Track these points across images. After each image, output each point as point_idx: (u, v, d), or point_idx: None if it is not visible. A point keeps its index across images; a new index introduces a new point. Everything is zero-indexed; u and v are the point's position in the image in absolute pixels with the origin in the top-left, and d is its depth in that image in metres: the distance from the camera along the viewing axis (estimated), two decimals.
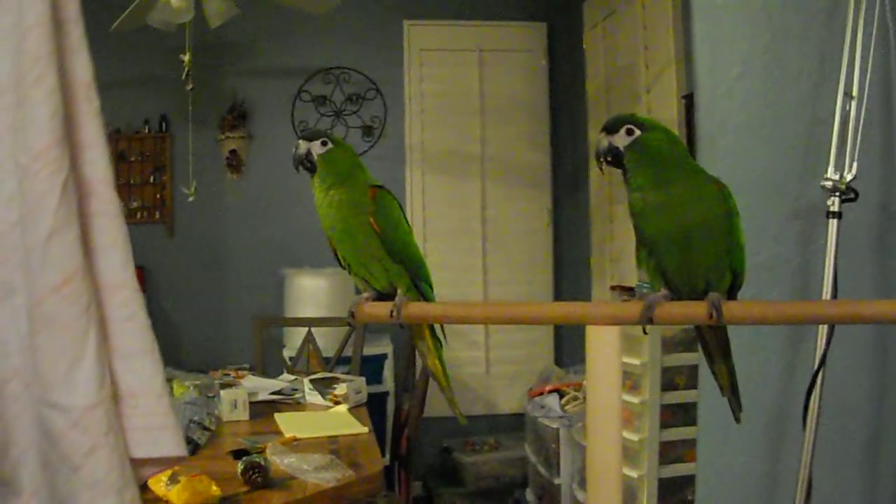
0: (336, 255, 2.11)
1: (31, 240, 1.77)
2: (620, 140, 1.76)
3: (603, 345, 1.64)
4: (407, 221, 2.14)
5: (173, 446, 1.94)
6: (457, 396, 2.23)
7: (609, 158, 1.78)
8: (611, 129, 1.78)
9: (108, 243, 1.88)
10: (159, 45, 6.28)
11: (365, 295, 2.06)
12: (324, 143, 2.07)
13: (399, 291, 2.00)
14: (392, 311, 1.91)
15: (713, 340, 1.93)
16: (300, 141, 2.08)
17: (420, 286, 2.11)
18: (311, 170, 2.08)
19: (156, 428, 1.92)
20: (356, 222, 2.03)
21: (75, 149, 1.83)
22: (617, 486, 1.65)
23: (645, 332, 1.84)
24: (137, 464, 1.92)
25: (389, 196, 2.10)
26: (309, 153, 2.06)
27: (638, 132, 1.76)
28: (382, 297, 2.06)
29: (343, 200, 2.04)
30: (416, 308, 1.91)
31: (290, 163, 2.10)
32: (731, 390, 1.97)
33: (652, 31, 5.40)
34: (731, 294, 1.83)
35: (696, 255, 1.76)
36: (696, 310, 1.67)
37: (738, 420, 1.98)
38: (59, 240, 1.76)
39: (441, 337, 2.19)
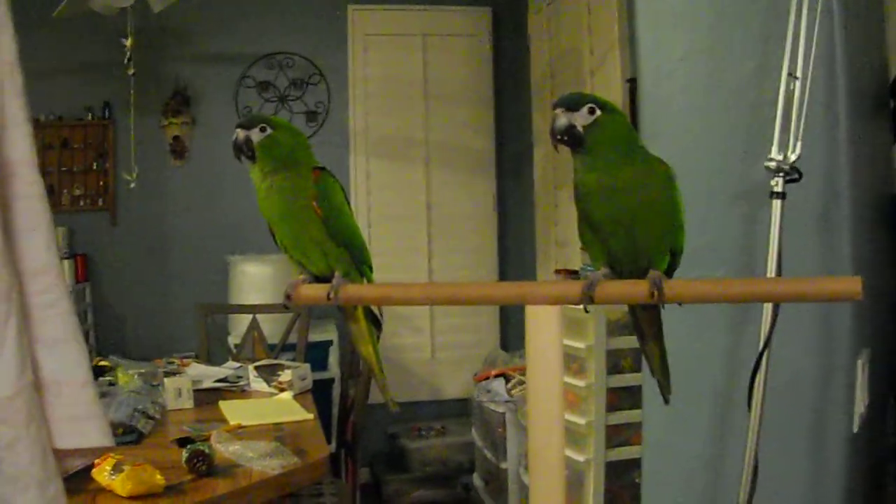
0: (274, 237, 2.07)
1: None
2: (580, 119, 1.72)
3: (543, 326, 1.63)
4: (349, 204, 2.11)
5: (99, 436, 1.91)
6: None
7: (567, 136, 1.74)
8: (572, 106, 1.74)
9: (31, 227, 1.83)
10: (101, 30, 6.22)
11: (301, 277, 2.02)
12: (262, 129, 2.00)
13: (336, 273, 1.96)
14: (329, 293, 1.88)
15: (646, 320, 1.93)
16: (238, 129, 2.01)
17: (361, 269, 2.08)
18: (252, 158, 2.02)
19: (81, 418, 1.88)
20: (297, 206, 1.99)
21: None
22: (560, 470, 1.64)
23: (586, 311, 1.82)
24: (62, 455, 1.89)
25: (332, 179, 2.05)
26: (248, 140, 2.00)
27: (599, 112, 1.73)
28: (319, 280, 2.03)
29: (284, 185, 1.99)
30: (354, 290, 1.88)
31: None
32: (661, 371, 1.97)
33: (596, 14, 5.40)
34: (668, 274, 1.81)
35: (640, 236, 1.75)
36: (638, 288, 1.65)
37: (666, 401, 1.97)
38: None
39: (377, 322, 2.16)
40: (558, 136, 1.74)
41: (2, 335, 1.73)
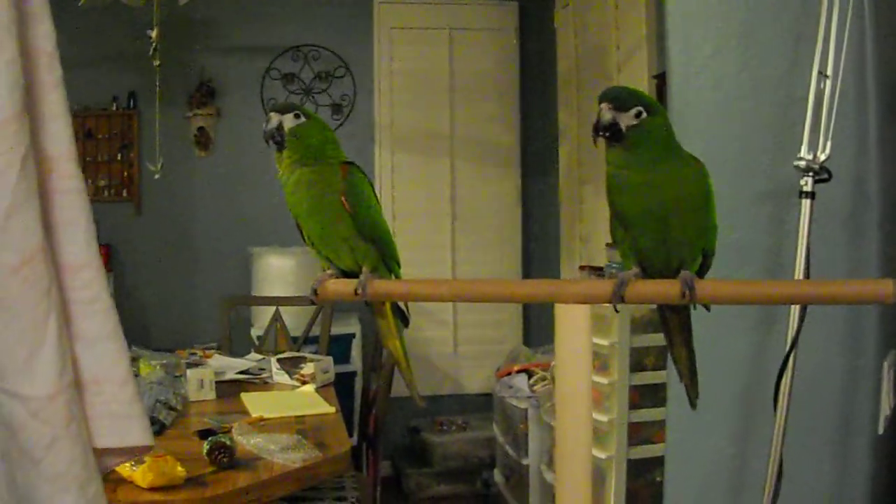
0: (301, 232, 2.06)
1: None
2: (627, 119, 1.70)
3: (572, 325, 1.63)
4: (377, 199, 2.09)
5: (139, 435, 1.89)
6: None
7: (609, 132, 1.71)
8: (620, 105, 1.71)
9: (70, 221, 1.80)
10: (127, 21, 6.25)
11: (328, 272, 2.00)
12: (296, 116, 1.97)
13: (364, 269, 1.94)
14: (357, 289, 1.86)
15: (675, 323, 1.91)
16: (272, 113, 1.98)
17: (388, 264, 2.06)
18: (281, 144, 1.98)
19: (120, 416, 1.86)
20: (326, 201, 1.97)
21: (36, 122, 1.75)
22: (587, 467, 1.64)
23: (616, 311, 1.81)
24: (101, 454, 1.87)
25: (360, 173, 2.03)
26: (280, 126, 1.97)
27: (645, 115, 1.70)
28: (346, 275, 2.01)
29: (313, 179, 1.97)
30: (382, 286, 1.88)
31: (259, 140, 2.03)
32: (689, 376, 1.94)
33: (623, 10, 5.38)
34: (700, 275, 1.80)
35: (673, 235, 1.73)
36: (670, 288, 1.64)
37: (693, 406, 1.95)
38: (18, 218, 1.68)
39: (404, 317, 2.15)
40: (601, 133, 1.72)
41: (42, 333, 1.71)
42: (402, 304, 2.14)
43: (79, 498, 1.76)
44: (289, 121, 1.97)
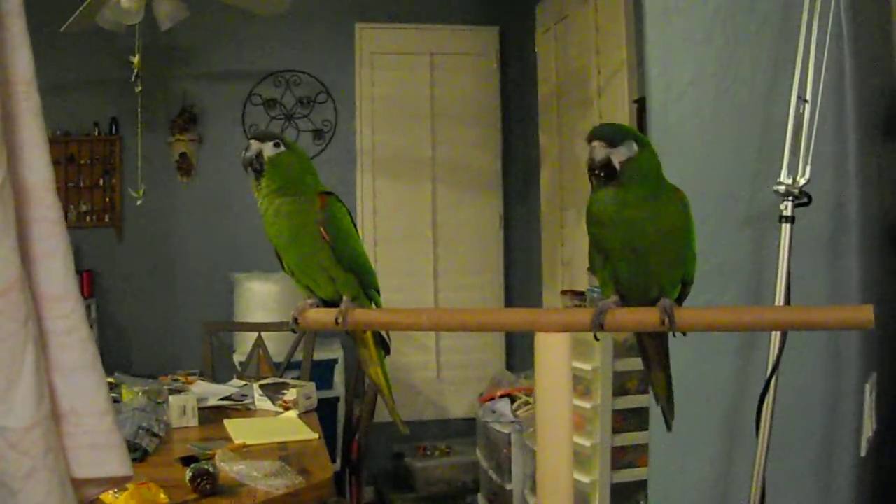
0: (281, 262, 2.06)
1: None
2: (619, 155, 1.69)
3: (552, 350, 1.62)
4: (356, 228, 2.09)
5: (118, 466, 1.89)
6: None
7: (604, 170, 1.70)
8: (612, 141, 1.70)
9: (49, 252, 1.80)
10: (109, 47, 6.28)
11: (309, 301, 2.00)
12: (276, 145, 1.99)
13: (345, 298, 1.94)
14: (337, 318, 1.86)
15: (653, 348, 1.91)
16: (252, 141, 2.00)
17: (368, 293, 2.06)
18: (260, 172, 2.00)
19: (99, 447, 1.86)
20: (305, 231, 1.97)
21: (13, 150, 1.75)
22: (568, 492, 1.63)
23: (596, 339, 1.81)
24: (80, 484, 1.87)
25: (339, 203, 2.04)
26: (259, 154, 1.98)
27: (636, 149, 1.70)
28: (327, 304, 2.01)
29: (291, 210, 1.97)
30: (362, 315, 1.87)
31: (241, 166, 2.04)
32: (665, 399, 1.95)
33: (604, 35, 5.41)
34: (679, 302, 1.80)
35: (653, 264, 1.73)
36: (649, 316, 1.65)
37: (669, 428, 1.96)
38: None
39: (385, 345, 2.15)
40: (596, 171, 1.72)
41: (19, 364, 1.70)
42: (383, 333, 2.14)
43: None
44: (268, 149, 1.99)
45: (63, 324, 1.81)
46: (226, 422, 4.24)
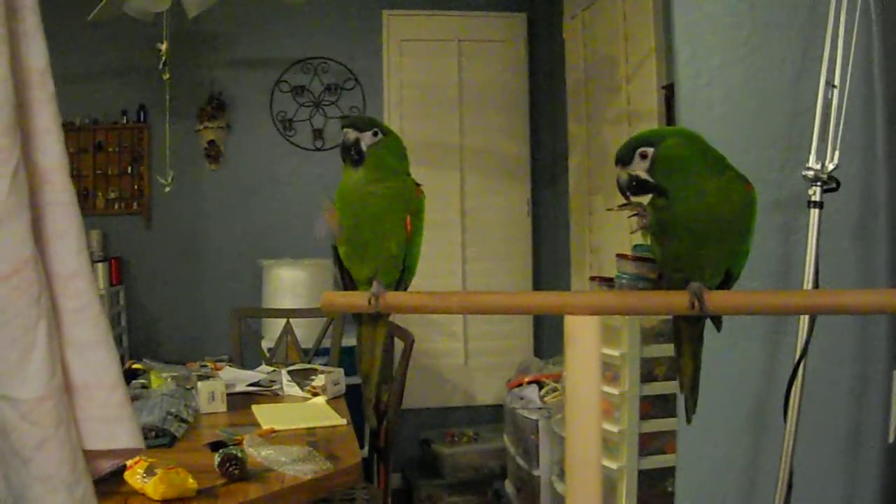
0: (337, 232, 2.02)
1: None
2: (638, 167, 1.69)
3: (581, 336, 1.62)
4: None
5: (128, 438, 1.92)
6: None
7: (634, 190, 1.71)
8: (624, 160, 1.71)
9: (62, 232, 1.85)
10: (137, 35, 6.26)
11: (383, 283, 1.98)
12: (375, 134, 1.96)
13: (376, 281, 1.92)
14: (370, 300, 1.86)
15: (687, 334, 1.91)
16: (348, 129, 1.96)
17: (398, 289, 2.06)
18: (359, 162, 1.96)
19: (110, 420, 1.89)
20: (393, 216, 1.97)
21: (28, 136, 1.81)
22: (597, 478, 1.63)
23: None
24: (92, 456, 1.90)
25: (425, 200, 2.04)
26: (357, 143, 1.95)
27: (651, 150, 1.69)
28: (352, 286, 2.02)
29: (390, 193, 1.96)
30: (394, 297, 1.88)
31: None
32: (689, 388, 1.95)
33: (632, 21, 5.38)
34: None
35: (704, 251, 1.73)
36: (678, 299, 1.64)
37: (689, 420, 1.95)
38: (8, 229, 1.74)
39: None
40: (626, 194, 1.72)
41: (32, 338, 1.74)
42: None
43: (68, 498, 1.80)
44: (367, 139, 1.96)
45: (76, 301, 1.86)
46: (254, 407, 4.25)
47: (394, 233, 1.97)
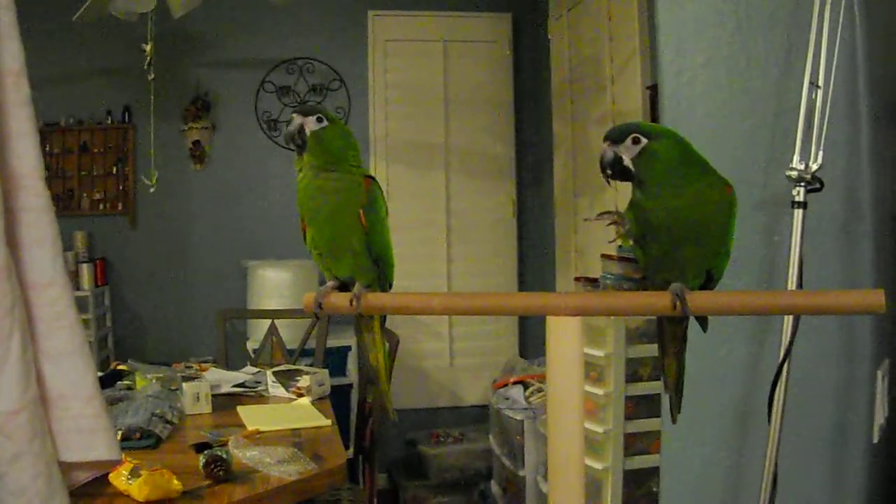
0: (304, 235, 2.03)
1: None
2: (626, 150, 1.69)
3: (564, 336, 1.62)
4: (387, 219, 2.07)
5: (105, 449, 1.91)
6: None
7: (614, 170, 1.71)
8: (615, 138, 1.71)
9: (37, 240, 1.82)
10: (122, 35, 6.24)
11: (330, 284, 1.99)
12: (319, 120, 1.95)
13: (358, 283, 1.92)
14: (352, 301, 1.86)
15: (671, 335, 1.91)
16: (294, 115, 1.96)
17: (383, 285, 2.05)
18: (302, 147, 1.96)
19: (87, 431, 1.88)
20: (345, 212, 1.95)
21: (2, 141, 1.78)
22: (579, 478, 1.63)
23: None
24: (69, 468, 1.88)
25: (380, 190, 2.01)
26: (302, 129, 1.94)
27: (645, 141, 1.69)
28: (344, 286, 2.01)
29: (334, 188, 1.95)
30: (375, 298, 1.87)
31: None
32: (674, 388, 1.95)
33: (616, 21, 5.39)
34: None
35: (683, 252, 1.73)
36: (660, 300, 1.64)
37: (674, 420, 1.95)
38: None
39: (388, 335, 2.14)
40: (606, 172, 1.73)
41: (5, 350, 1.72)
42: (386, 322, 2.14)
43: None
44: (311, 123, 1.95)
45: (51, 310, 1.83)
46: (239, 408, 4.25)
47: (350, 228, 1.96)
